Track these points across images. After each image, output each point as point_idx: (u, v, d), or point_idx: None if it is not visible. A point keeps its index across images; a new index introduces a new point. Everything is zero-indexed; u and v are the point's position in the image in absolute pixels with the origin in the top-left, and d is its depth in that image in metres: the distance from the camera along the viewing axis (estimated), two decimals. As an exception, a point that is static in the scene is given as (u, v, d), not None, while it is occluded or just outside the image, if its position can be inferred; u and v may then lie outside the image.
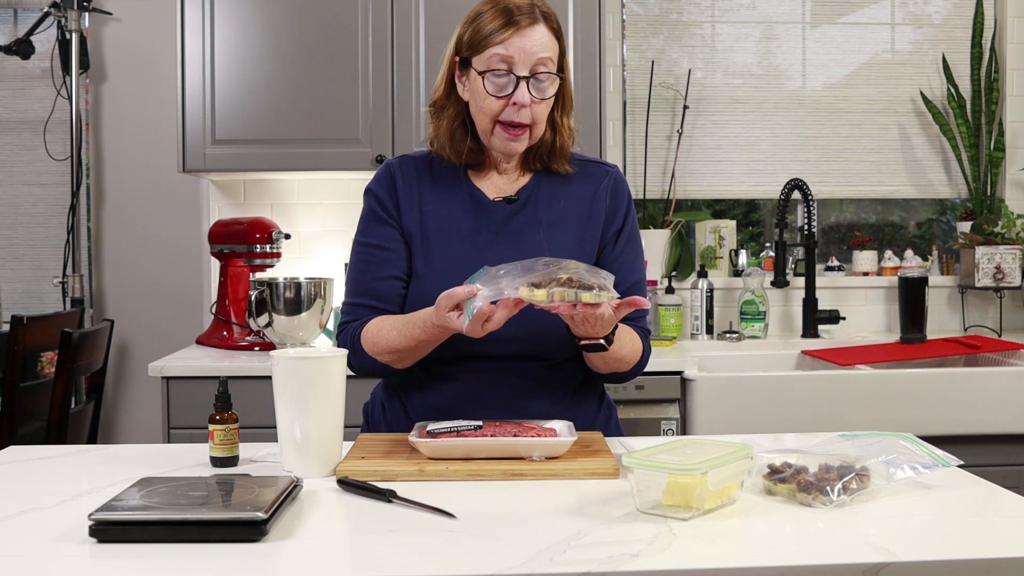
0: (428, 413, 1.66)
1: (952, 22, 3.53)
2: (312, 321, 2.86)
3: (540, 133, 1.65)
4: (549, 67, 1.59)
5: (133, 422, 3.42)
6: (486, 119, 1.61)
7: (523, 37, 1.57)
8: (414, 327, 1.57)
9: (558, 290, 1.39)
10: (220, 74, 2.94)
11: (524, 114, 1.59)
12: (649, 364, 2.62)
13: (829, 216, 3.63)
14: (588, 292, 1.40)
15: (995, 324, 3.41)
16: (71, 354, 2.76)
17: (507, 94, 1.58)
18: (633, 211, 1.75)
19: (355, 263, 1.71)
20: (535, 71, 1.58)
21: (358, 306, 1.68)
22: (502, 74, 1.58)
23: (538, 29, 1.59)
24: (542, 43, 1.59)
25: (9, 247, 3.45)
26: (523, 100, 1.58)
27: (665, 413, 2.68)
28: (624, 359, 1.65)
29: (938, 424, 2.63)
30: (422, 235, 1.67)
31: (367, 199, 1.72)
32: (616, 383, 1.77)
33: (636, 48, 3.46)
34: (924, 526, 1.20)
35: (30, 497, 1.31)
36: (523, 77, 1.58)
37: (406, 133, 2.95)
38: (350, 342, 1.65)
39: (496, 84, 1.58)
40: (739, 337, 3.20)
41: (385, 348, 1.62)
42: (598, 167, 1.75)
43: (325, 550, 1.10)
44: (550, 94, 1.61)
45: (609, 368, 1.66)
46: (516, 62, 1.57)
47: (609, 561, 1.04)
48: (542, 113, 1.62)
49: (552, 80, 1.61)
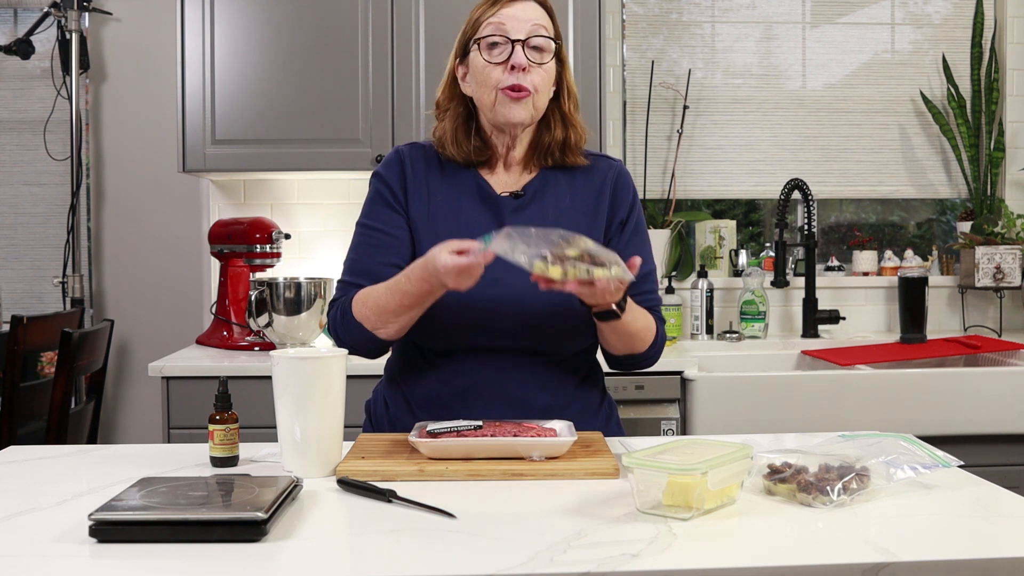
0: (431, 406, 1.66)
1: (952, 22, 3.53)
2: (312, 321, 2.86)
3: (543, 105, 1.66)
4: (544, 32, 1.63)
5: (133, 422, 3.42)
6: (489, 91, 1.62)
7: (513, 7, 1.63)
8: (401, 278, 1.55)
9: (572, 268, 1.38)
10: (220, 74, 2.94)
11: (523, 79, 1.61)
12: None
13: (829, 216, 3.63)
14: (601, 268, 1.39)
15: (995, 324, 3.41)
16: (71, 354, 2.75)
17: (504, 59, 1.61)
18: (639, 204, 1.75)
19: (356, 244, 1.70)
20: (530, 35, 1.61)
21: (353, 285, 1.66)
22: (498, 41, 1.61)
23: (528, 2, 1.64)
24: (534, 14, 1.63)
25: (9, 247, 3.45)
26: (520, 62, 1.60)
27: (665, 413, 2.68)
28: (638, 334, 1.63)
29: (938, 424, 2.63)
30: (430, 222, 1.67)
31: (374, 182, 1.72)
32: (634, 368, 1.73)
33: (636, 48, 3.46)
34: (924, 526, 1.20)
35: (30, 497, 1.31)
36: (518, 40, 1.61)
37: (406, 133, 2.95)
38: (340, 312, 1.63)
39: (492, 52, 1.62)
40: (739, 337, 3.21)
41: (373, 308, 1.58)
42: (603, 161, 1.77)
43: (325, 550, 1.10)
44: (547, 59, 1.63)
45: (624, 345, 1.65)
46: (509, 28, 1.61)
47: (609, 561, 1.04)
48: (543, 82, 1.64)
49: (549, 46, 1.63)
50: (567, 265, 1.37)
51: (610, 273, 1.39)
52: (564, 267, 1.37)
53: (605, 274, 1.39)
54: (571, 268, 1.37)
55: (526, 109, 1.63)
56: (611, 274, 1.39)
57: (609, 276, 1.39)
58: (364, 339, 1.62)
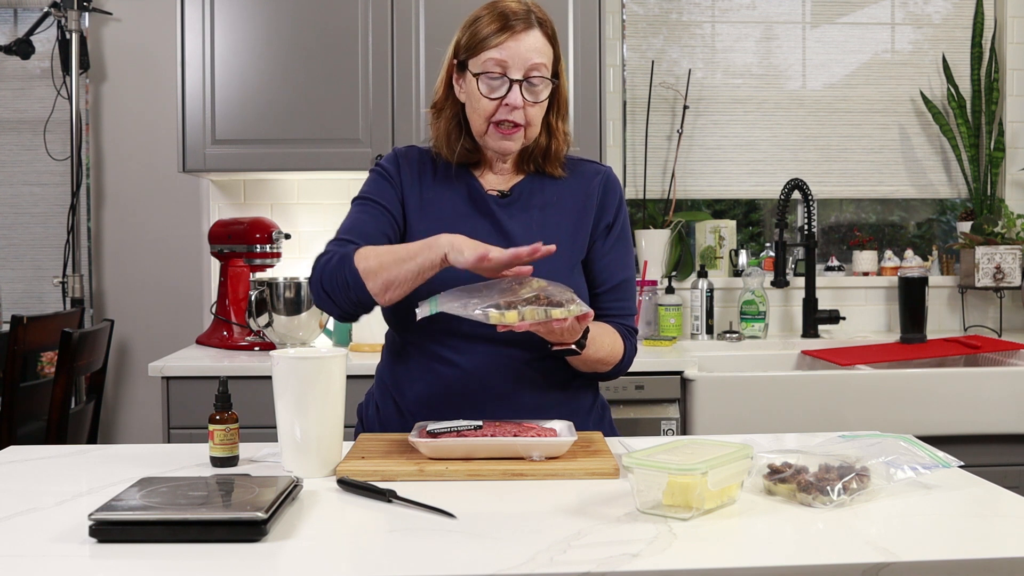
0: (421, 408, 1.66)
1: (952, 22, 3.53)
2: (312, 321, 2.86)
3: (535, 134, 1.68)
4: (543, 72, 1.63)
5: (133, 422, 3.42)
6: (480, 120, 1.65)
7: (518, 42, 1.61)
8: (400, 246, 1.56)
9: (528, 309, 1.40)
10: (220, 74, 2.94)
11: (517, 115, 1.62)
12: (649, 364, 2.67)
13: (829, 216, 3.63)
14: (557, 309, 1.41)
15: (995, 324, 3.41)
16: (71, 354, 2.75)
17: (500, 96, 1.62)
18: (625, 210, 1.77)
19: (352, 213, 1.69)
20: (528, 75, 1.62)
21: (349, 241, 1.62)
22: (496, 77, 1.61)
23: (533, 34, 1.62)
24: (536, 48, 1.62)
25: (9, 247, 3.45)
26: (516, 102, 1.61)
27: (665, 413, 2.68)
28: (602, 361, 1.66)
29: (938, 424, 2.63)
30: (421, 217, 1.69)
31: (374, 170, 1.74)
32: (601, 381, 1.77)
33: (636, 48, 3.46)
34: (924, 526, 1.20)
35: (30, 497, 1.31)
36: (516, 80, 1.61)
37: (406, 133, 2.95)
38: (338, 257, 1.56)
39: (490, 86, 1.62)
40: (739, 337, 3.20)
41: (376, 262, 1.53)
42: (591, 166, 1.78)
43: (325, 550, 1.10)
44: (543, 97, 1.65)
45: (588, 368, 1.67)
46: (510, 65, 1.61)
47: (609, 561, 1.04)
48: (536, 115, 1.65)
49: (545, 84, 1.64)
50: (523, 308, 1.40)
51: (568, 311, 1.42)
52: (520, 311, 1.39)
53: (563, 313, 1.42)
54: (528, 310, 1.40)
55: (516, 142, 1.66)
56: (569, 312, 1.42)
57: (567, 314, 1.42)
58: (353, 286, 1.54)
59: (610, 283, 1.71)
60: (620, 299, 1.73)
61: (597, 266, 1.71)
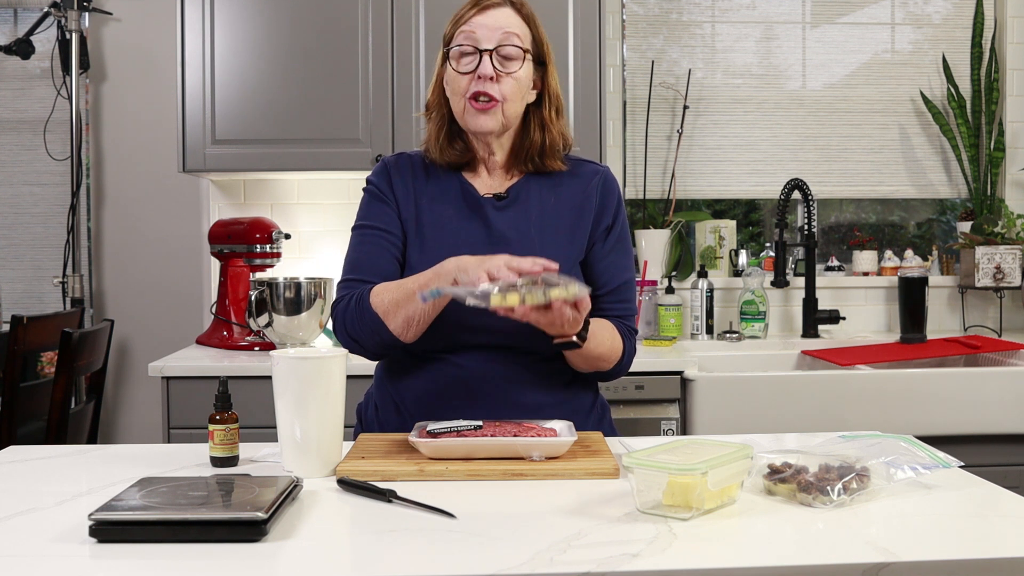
0: (419, 408, 1.66)
1: (952, 22, 3.53)
2: (312, 321, 2.86)
3: (513, 113, 1.65)
4: (515, 42, 1.63)
5: (133, 422, 3.42)
6: (458, 100, 1.64)
7: (486, 15, 1.63)
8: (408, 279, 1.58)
9: (528, 293, 1.39)
10: (220, 74, 2.94)
11: (491, 87, 1.61)
12: (649, 364, 2.67)
13: (829, 216, 3.63)
14: (556, 288, 1.41)
15: (995, 324, 3.41)
16: (71, 354, 2.75)
17: (472, 69, 1.62)
18: (624, 212, 1.76)
19: (355, 245, 1.70)
20: (499, 45, 1.61)
21: (359, 281, 1.65)
22: (469, 51, 1.62)
23: (503, 10, 1.64)
24: (507, 21, 1.63)
25: (9, 247, 3.45)
26: (486, 72, 1.60)
27: (665, 413, 2.68)
28: (602, 357, 1.65)
29: (938, 424, 2.63)
30: (417, 228, 1.68)
31: (366, 190, 1.74)
32: (602, 381, 1.77)
33: (636, 48, 3.46)
34: (924, 526, 1.20)
35: (30, 497, 1.31)
36: (486, 50, 1.61)
37: (406, 133, 2.95)
38: (356, 300, 1.60)
39: (462, 61, 1.63)
40: (739, 337, 3.21)
41: (390, 299, 1.57)
42: (588, 166, 1.77)
43: (325, 550, 1.10)
44: (514, 69, 1.63)
45: (589, 366, 1.67)
46: (479, 37, 1.62)
47: (609, 561, 1.04)
48: (512, 91, 1.63)
49: (520, 56, 1.63)
50: (522, 290, 1.40)
51: (566, 292, 1.41)
52: (520, 292, 1.39)
53: (562, 293, 1.41)
54: (527, 293, 1.39)
55: (494, 118, 1.64)
56: (567, 293, 1.41)
57: (565, 295, 1.41)
58: (376, 329, 1.58)
59: (611, 285, 1.71)
60: (621, 300, 1.72)
61: (597, 268, 1.71)
